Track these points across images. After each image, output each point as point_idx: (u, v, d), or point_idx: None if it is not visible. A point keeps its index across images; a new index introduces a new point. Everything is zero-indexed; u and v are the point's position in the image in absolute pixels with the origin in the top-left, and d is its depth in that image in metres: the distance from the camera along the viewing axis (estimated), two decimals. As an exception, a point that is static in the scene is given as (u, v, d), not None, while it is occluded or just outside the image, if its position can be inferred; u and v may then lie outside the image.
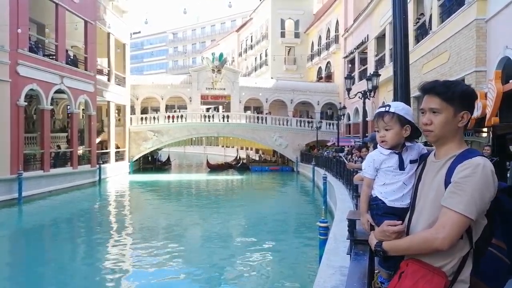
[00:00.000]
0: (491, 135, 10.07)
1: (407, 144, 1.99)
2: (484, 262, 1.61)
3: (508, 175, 7.97)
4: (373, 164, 2.13)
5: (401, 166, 1.99)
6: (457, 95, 1.66)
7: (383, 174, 2.06)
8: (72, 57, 22.34)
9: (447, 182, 1.60)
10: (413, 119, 1.97)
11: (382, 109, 2.01)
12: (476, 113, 9.47)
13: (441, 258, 1.59)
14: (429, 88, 1.72)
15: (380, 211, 2.04)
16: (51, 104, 20.54)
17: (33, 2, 18.51)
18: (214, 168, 34.25)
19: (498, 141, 9.60)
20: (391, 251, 1.70)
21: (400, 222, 1.72)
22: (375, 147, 2.94)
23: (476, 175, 1.53)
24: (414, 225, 1.72)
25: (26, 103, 18.05)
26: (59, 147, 21.33)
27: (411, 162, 1.99)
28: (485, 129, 10.64)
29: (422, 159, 1.90)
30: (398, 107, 1.97)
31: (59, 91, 20.25)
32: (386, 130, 1.97)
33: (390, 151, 2.02)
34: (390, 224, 1.74)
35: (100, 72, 25.70)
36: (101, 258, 10.08)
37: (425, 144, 2.17)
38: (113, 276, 8.69)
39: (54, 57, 20.09)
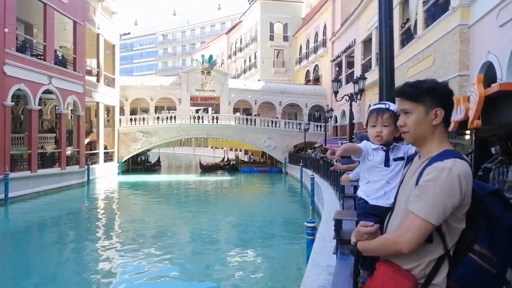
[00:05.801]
0: (473, 138, 10.37)
1: (395, 144, 2.07)
2: (463, 268, 1.55)
3: (491, 176, 8.24)
4: (365, 143, 2.15)
5: (387, 163, 2.06)
6: (423, 92, 1.63)
7: (367, 171, 2.13)
8: (60, 58, 22.21)
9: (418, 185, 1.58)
10: None
11: (382, 106, 2.06)
12: (460, 115, 9.76)
13: (409, 260, 1.56)
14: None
15: (361, 210, 2.12)
16: (39, 105, 20.36)
17: (21, 2, 18.32)
18: (206, 169, 34.57)
19: (480, 143, 9.91)
20: (363, 251, 1.70)
21: (372, 223, 1.70)
22: None
23: (440, 179, 1.48)
24: (390, 226, 1.70)
25: (13, 103, 17.86)
26: (42, 147, 21.03)
27: (396, 159, 2.06)
28: (468, 132, 10.94)
29: (409, 160, 1.86)
30: (397, 108, 2.00)
31: (47, 92, 20.07)
32: (384, 126, 2.03)
33: (377, 145, 2.09)
34: (363, 225, 1.72)
35: (89, 73, 25.55)
36: (89, 259, 10.06)
37: None
38: (101, 277, 8.69)
39: (42, 57, 19.92)
